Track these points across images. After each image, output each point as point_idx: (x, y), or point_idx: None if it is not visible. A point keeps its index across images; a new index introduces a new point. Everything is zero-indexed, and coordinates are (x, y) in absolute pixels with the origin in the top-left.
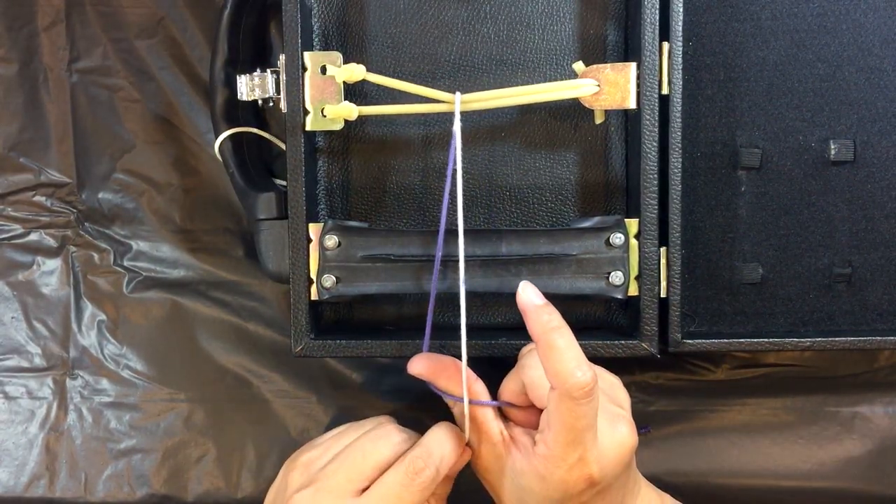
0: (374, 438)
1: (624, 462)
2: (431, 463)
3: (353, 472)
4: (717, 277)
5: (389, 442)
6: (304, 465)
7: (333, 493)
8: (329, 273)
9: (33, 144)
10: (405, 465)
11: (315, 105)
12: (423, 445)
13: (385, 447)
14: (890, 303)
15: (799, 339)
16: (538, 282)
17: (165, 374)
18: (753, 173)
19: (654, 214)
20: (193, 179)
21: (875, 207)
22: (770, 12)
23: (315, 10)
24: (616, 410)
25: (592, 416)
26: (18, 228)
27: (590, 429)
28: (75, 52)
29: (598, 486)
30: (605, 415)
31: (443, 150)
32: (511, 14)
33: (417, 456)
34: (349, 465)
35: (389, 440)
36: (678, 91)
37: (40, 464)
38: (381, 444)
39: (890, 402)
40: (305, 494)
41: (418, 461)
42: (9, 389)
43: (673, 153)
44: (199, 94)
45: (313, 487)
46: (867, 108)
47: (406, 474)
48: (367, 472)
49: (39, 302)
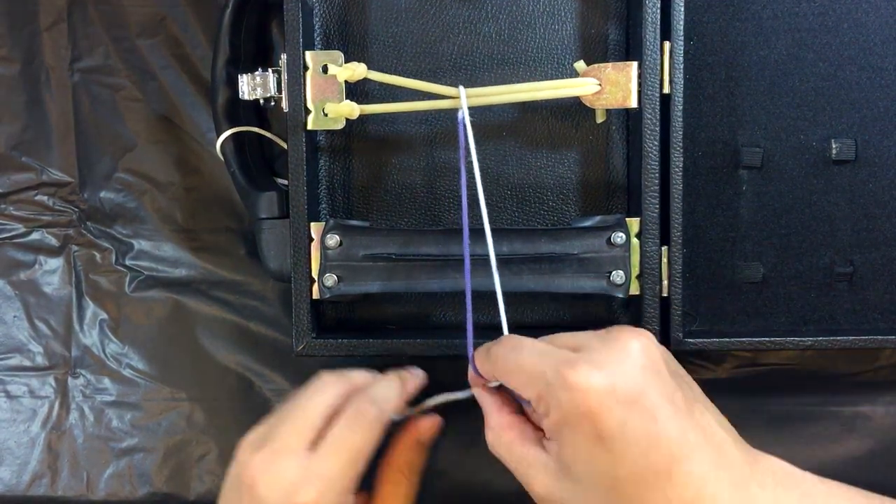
0: (311, 391)
1: (640, 364)
2: (374, 402)
3: (300, 426)
4: (719, 276)
5: (326, 389)
6: (249, 444)
7: (286, 450)
8: (330, 272)
9: (35, 144)
10: (348, 408)
11: (316, 104)
12: (365, 390)
13: (323, 395)
14: (891, 302)
15: (800, 338)
16: (539, 281)
17: (167, 373)
18: (755, 172)
19: (656, 213)
20: (195, 179)
21: (876, 206)
22: (771, 11)
23: (316, 10)
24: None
25: (537, 358)
26: (20, 227)
27: (550, 367)
28: (77, 51)
29: (628, 397)
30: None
31: (444, 148)
32: (512, 13)
33: (359, 398)
34: (294, 421)
35: (325, 387)
36: (679, 90)
37: (42, 463)
38: (318, 394)
39: (891, 401)
40: (259, 459)
41: (360, 402)
42: (11, 388)
43: (674, 152)
44: (201, 94)
45: (266, 450)
46: (869, 108)
47: (350, 416)
48: (313, 423)
49: (41, 301)
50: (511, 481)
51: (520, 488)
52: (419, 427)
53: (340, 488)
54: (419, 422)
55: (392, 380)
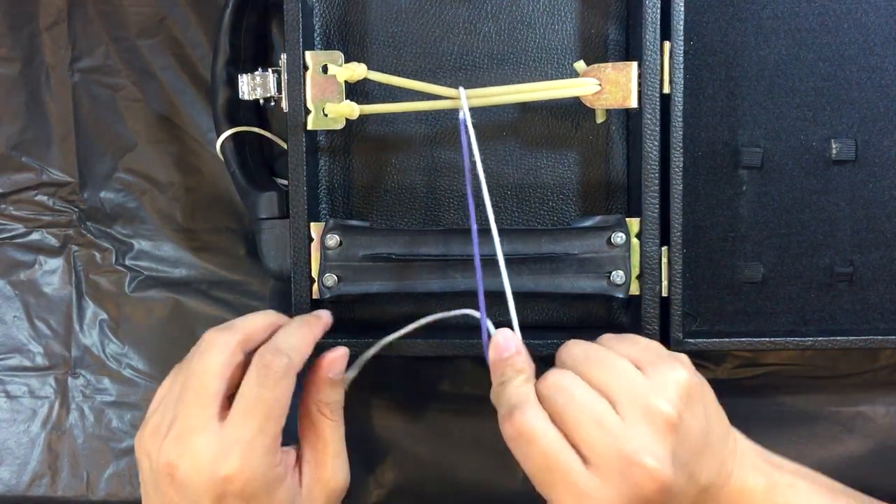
0: (199, 355)
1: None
2: (280, 353)
3: (201, 398)
4: (719, 276)
5: (216, 349)
6: (151, 437)
7: (195, 428)
8: (330, 272)
9: (35, 144)
10: (254, 363)
11: (316, 104)
12: (270, 339)
13: (215, 356)
14: (891, 302)
15: (800, 339)
16: (539, 281)
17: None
18: (755, 172)
19: (656, 214)
20: (195, 179)
21: (876, 206)
22: (771, 11)
23: (316, 10)
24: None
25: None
26: (20, 228)
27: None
28: (77, 51)
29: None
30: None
31: (445, 148)
32: (512, 13)
33: (264, 350)
34: (193, 395)
35: (215, 347)
36: (679, 90)
37: (42, 463)
38: (209, 356)
39: (891, 401)
40: (168, 445)
41: (266, 355)
42: (11, 388)
43: (674, 152)
44: (201, 94)
45: (173, 434)
46: (869, 108)
47: (258, 372)
48: (214, 390)
49: (41, 301)
50: (511, 480)
51: (520, 488)
52: (325, 363)
53: (263, 450)
54: (323, 358)
55: (297, 325)
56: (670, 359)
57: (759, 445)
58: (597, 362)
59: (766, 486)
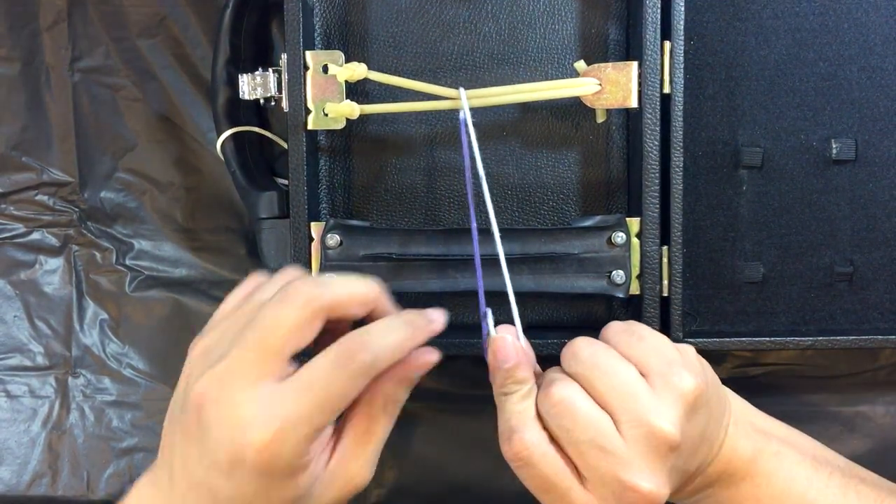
0: (278, 302)
1: None
2: (370, 348)
3: (260, 349)
4: (719, 276)
5: (299, 302)
6: (200, 357)
7: (245, 378)
8: (331, 272)
9: (35, 143)
10: (338, 345)
11: (317, 104)
12: (366, 329)
13: (294, 310)
14: (891, 302)
15: (800, 338)
16: (539, 281)
17: (167, 372)
18: (755, 172)
19: (656, 213)
20: (195, 178)
21: (876, 206)
22: (771, 11)
23: (317, 10)
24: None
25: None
26: (20, 227)
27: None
28: (77, 51)
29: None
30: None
31: (445, 148)
32: (512, 13)
33: (355, 337)
34: (253, 341)
35: (298, 299)
36: (680, 90)
37: (42, 462)
38: (287, 308)
39: (891, 401)
40: (210, 378)
41: (354, 343)
42: (11, 388)
43: (674, 152)
44: (201, 94)
45: (220, 369)
46: (869, 107)
47: (338, 356)
48: (276, 346)
49: (41, 301)
50: (510, 480)
51: (521, 488)
52: (418, 362)
53: (302, 436)
54: (418, 356)
55: (401, 325)
56: (677, 365)
57: (752, 406)
58: (603, 374)
59: (753, 453)
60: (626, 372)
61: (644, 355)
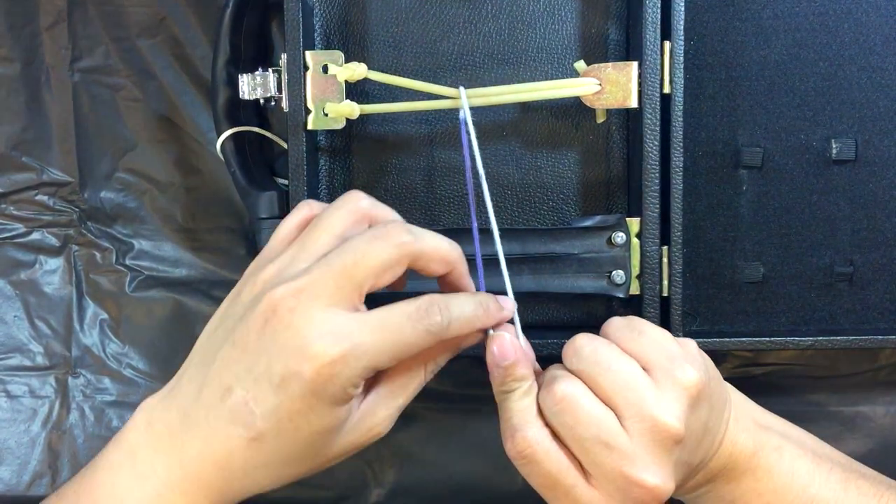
0: (371, 239)
1: None
2: (449, 313)
3: (344, 279)
4: (719, 276)
5: (391, 245)
6: (274, 274)
7: (322, 298)
8: None
9: (35, 144)
10: (420, 300)
11: (317, 104)
12: (449, 294)
13: (386, 251)
14: (891, 302)
15: (800, 338)
16: (539, 281)
17: (167, 372)
18: (755, 172)
19: (656, 213)
20: (195, 178)
21: (876, 206)
22: (771, 11)
23: (316, 10)
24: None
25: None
26: (21, 227)
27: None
28: (77, 51)
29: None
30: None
31: (445, 148)
32: (512, 13)
33: (437, 299)
34: (340, 270)
35: (390, 243)
36: (679, 90)
37: (42, 462)
38: (378, 248)
39: (891, 401)
40: (287, 293)
41: (434, 306)
42: (11, 388)
43: (674, 152)
44: (201, 94)
45: (299, 286)
46: (869, 107)
47: (417, 310)
48: (359, 281)
49: (42, 301)
50: (511, 480)
51: (521, 488)
52: (472, 336)
53: (362, 367)
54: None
55: (479, 303)
56: (679, 359)
57: (752, 402)
58: (605, 370)
59: (754, 448)
60: (629, 367)
61: (645, 350)
